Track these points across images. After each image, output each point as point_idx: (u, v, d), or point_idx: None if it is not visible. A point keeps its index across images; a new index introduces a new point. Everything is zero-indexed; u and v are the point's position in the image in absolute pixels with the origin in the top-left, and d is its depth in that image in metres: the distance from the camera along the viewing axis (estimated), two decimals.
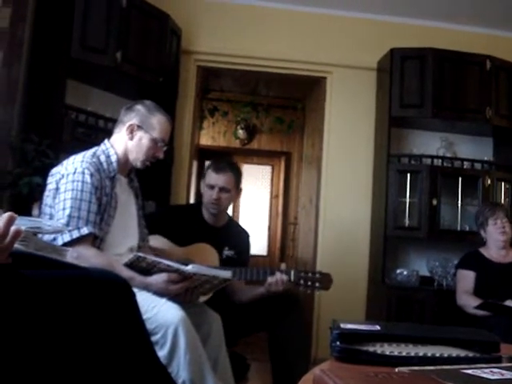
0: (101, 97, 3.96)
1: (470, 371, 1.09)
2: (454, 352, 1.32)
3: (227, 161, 3.33)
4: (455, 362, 1.23)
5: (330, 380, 0.94)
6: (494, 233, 3.62)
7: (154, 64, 3.94)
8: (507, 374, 1.07)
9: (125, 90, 3.93)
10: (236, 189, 3.10)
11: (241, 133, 7.56)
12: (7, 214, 1.15)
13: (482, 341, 1.37)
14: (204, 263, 2.66)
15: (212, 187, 3.02)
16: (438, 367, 1.13)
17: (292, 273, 2.74)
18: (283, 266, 2.89)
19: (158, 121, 2.46)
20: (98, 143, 2.48)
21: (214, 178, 3.03)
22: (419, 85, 4.29)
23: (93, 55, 3.57)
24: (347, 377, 0.96)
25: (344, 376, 0.96)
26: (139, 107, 2.47)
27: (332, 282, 2.78)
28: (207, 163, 7.19)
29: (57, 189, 2.27)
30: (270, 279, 2.69)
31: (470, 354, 1.32)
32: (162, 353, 1.94)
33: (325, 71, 4.74)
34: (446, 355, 1.30)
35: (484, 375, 1.05)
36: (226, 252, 3.06)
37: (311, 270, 2.89)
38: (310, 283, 2.75)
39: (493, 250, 3.66)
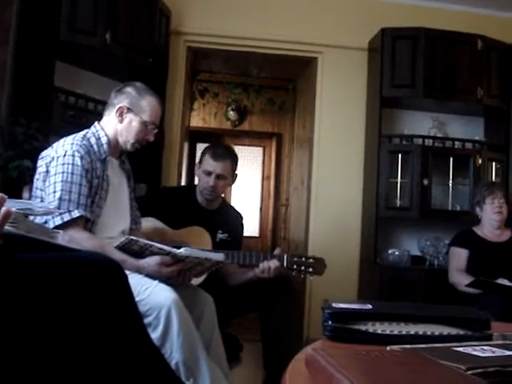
0: (90, 79, 3.93)
1: (461, 349, 1.09)
2: (445, 330, 1.32)
3: (225, 146, 3.29)
4: (446, 340, 1.24)
5: (323, 359, 0.95)
6: (490, 212, 3.63)
7: (144, 45, 3.90)
8: (498, 352, 1.07)
9: (114, 72, 3.90)
10: (232, 175, 3.09)
11: (232, 114, 7.53)
12: None
13: (473, 319, 1.38)
14: (197, 246, 2.66)
15: (209, 174, 2.99)
16: (430, 345, 1.14)
17: (285, 258, 2.74)
18: (277, 250, 2.87)
19: (148, 103, 2.44)
20: (88, 126, 2.46)
21: (211, 164, 2.99)
22: (410, 65, 4.28)
23: (81, 37, 3.53)
24: (339, 355, 0.97)
25: (336, 355, 0.97)
26: (129, 89, 2.45)
27: (326, 266, 2.77)
28: (200, 146, 7.17)
29: (47, 172, 2.25)
30: (261, 266, 2.69)
31: (461, 332, 1.33)
32: (154, 335, 1.95)
33: (316, 51, 4.71)
34: (437, 333, 1.31)
35: (475, 353, 1.06)
36: (220, 235, 3.06)
37: (305, 255, 2.87)
38: (303, 268, 2.74)
39: (487, 229, 3.68)
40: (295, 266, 2.74)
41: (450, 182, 4.38)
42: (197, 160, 3.21)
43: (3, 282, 1.25)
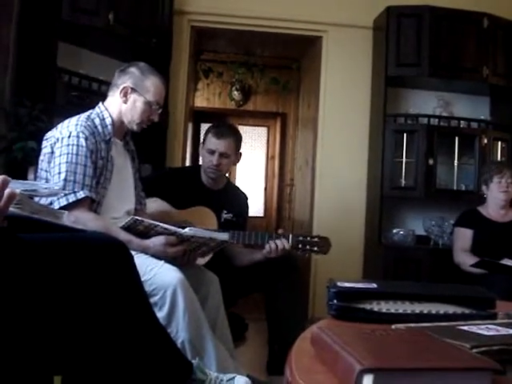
0: (93, 59, 3.91)
1: (465, 327, 1.10)
2: (450, 309, 1.33)
3: (227, 125, 3.29)
4: (451, 319, 1.24)
5: (328, 337, 0.95)
6: (496, 191, 3.62)
7: (147, 25, 3.89)
8: (502, 330, 1.08)
9: (118, 52, 3.88)
10: (236, 154, 3.07)
11: (236, 94, 7.50)
12: (0, 177, 1.14)
13: (478, 298, 1.38)
14: (202, 226, 2.66)
15: (212, 152, 2.99)
16: (434, 324, 1.14)
17: (290, 237, 2.73)
18: (281, 230, 2.87)
19: (152, 83, 2.43)
20: (92, 106, 2.45)
21: (214, 143, 2.99)
22: (416, 43, 4.24)
23: (84, 17, 3.52)
24: (345, 334, 0.97)
25: (341, 333, 0.97)
26: (133, 69, 2.44)
27: (331, 245, 2.75)
28: (204, 126, 7.16)
29: (52, 153, 2.26)
30: (267, 246, 2.69)
31: (466, 311, 1.33)
32: (160, 314, 1.96)
33: (320, 30, 4.67)
34: (441, 312, 1.31)
35: (479, 331, 1.06)
36: (225, 215, 3.06)
37: (309, 234, 2.87)
38: (308, 247, 2.74)
39: (491, 209, 3.67)
40: (300, 246, 2.73)
41: (456, 161, 4.36)
42: (201, 140, 3.21)
43: (9, 262, 1.25)
